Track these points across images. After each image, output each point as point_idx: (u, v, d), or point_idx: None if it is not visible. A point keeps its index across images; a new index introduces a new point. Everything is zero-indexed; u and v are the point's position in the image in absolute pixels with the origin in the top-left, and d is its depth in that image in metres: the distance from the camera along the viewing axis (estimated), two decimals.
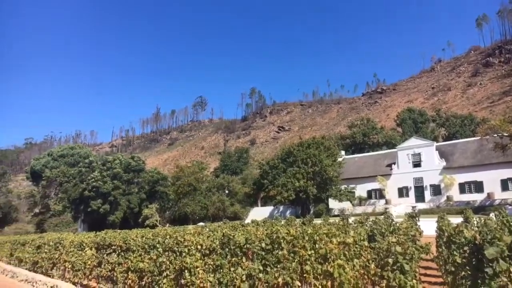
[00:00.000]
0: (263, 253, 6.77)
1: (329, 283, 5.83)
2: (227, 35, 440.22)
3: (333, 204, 50.76)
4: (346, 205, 48.71)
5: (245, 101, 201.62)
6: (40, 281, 15.30)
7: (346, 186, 50.50)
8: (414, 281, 4.67)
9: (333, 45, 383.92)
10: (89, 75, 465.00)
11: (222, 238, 7.97)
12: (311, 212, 47.76)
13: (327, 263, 5.87)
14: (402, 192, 50.15)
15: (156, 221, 48.57)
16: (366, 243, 6.53)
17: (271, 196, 53.57)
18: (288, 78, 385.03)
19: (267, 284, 6.43)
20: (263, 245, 6.75)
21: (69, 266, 15.17)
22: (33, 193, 77.36)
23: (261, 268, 6.55)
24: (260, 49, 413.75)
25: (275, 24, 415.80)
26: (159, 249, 9.31)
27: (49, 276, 16.19)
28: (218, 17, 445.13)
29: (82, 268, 13.64)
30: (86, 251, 13.74)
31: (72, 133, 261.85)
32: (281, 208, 54.49)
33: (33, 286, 15.93)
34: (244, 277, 6.72)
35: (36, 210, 74.66)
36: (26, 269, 19.84)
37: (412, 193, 49.72)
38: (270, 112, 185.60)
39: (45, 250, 18.25)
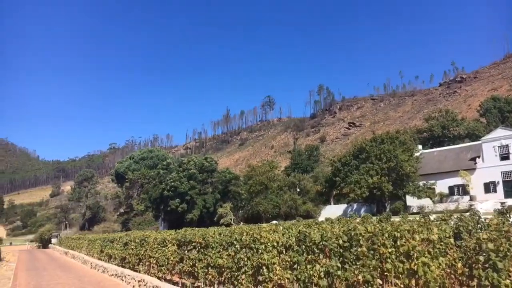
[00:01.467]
0: (341, 250, 6.66)
1: (412, 282, 5.58)
2: (292, 34, 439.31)
3: (411, 201, 48.37)
4: (426, 202, 46.13)
5: (313, 98, 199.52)
6: (128, 275, 16.44)
7: (424, 182, 47.81)
8: (508, 280, 4.31)
9: (404, 35, 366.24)
10: (165, 81, 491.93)
11: (298, 235, 7.98)
12: (387, 210, 45.94)
13: (410, 261, 5.62)
14: (489, 187, 46.31)
15: (231, 219, 49.86)
16: (452, 240, 6.15)
17: (344, 194, 52.46)
18: (357, 73, 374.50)
19: (346, 282, 6.32)
20: (340, 242, 6.64)
21: (154, 261, 16.14)
22: (118, 194, 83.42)
23: (339, 265, 6.45)
24: (326, 45, 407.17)
25: (340, 18, 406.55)
26: (236, 246, 9.56)
27: (136, 271, 17.34)
28: (284, 17, 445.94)
29: (166, 263, 14.43)
30: (168, 247, 14.51)
31: (150, 137, 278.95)
32: (355, 206, 53.12)
33: (122, 280, 17.18)
34: (322, 274, 6.67)
35: (121, 210, 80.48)
36: (115, 264, 21.46)
37: (500, 188, 45.72)
38: (339, 108, 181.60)
39: (132, 247, 19.58)
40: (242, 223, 47.30)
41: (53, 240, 74.51)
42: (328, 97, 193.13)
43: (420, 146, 58.14)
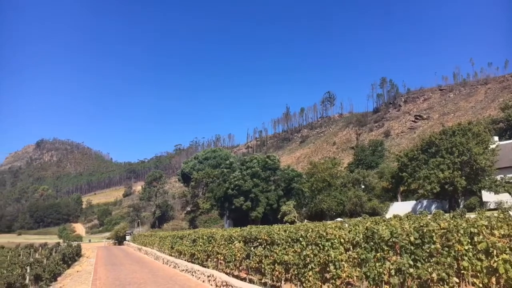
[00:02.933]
0: (412, 247, 6.43)
1: (493, 280, 5.24)
2: (352, 26, 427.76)
3: (487, 196, 45.06)
4: (504, 197, 42.70)
5: (376, 91, 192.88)
6: (198, 271, 17.08)
7: (502, 176, 44.28)
8: None
9: (473, 18, 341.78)
10: (225, 82, 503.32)
11: (365, 231, 7.82)
12: (461, 206, 43.22)
13: (489, 258, 5.29)
14: None
15: (294, 217, 49.80)
16: None
17: (412, 190, 50.18)
18: (423, 63, 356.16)
19: (419, 280, 6.10)
20: (412, 238, 6.41)
21: (221, 258, 16.62)
22: (185, 193, 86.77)
23: (411, 262, 6.23)
24: (387, 36, 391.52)
25: (400, 4, 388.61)
26: (302, 243, 9.57)
27: (205, 266, 17.97)
28: (341, 10, 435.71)
29: (233, 260, 14.80)
30: (235, 244, 14.86)
31: (213, 137, 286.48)
32: (425, 202, 50.60)
33: (192, 275, 17.88)
34: (393, 272, 6.48)
35: (188, 208, 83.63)
36: (185, 260, 22.38)
37: None
38: (404, 101, 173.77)
39: (200, 244, 20.32)
40: (306, 220, 47.03)
41: (127, 237, 79.25)
42: (392, 89, 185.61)
43: (496, 138, 53.93)
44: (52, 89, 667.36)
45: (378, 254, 7.08)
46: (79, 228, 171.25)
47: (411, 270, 6.16)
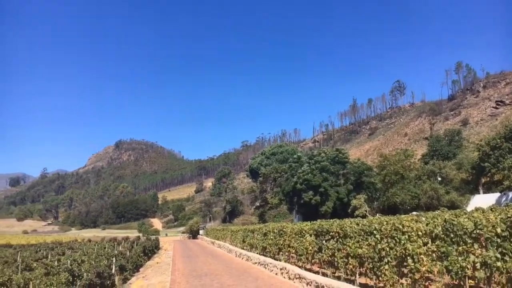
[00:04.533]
0: (499, 239, 6.03)
1: None
2: (422, 10, 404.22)
3: None
4: None
5: (450, 78, 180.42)
6: (270, 263, 17.36)
7: None
8: None
9: None
10: (290, 76, 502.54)
11: (444, 224, 7.46)
12: None
13: None
14: None
15: (365, 211, 48.49)
16: None
17: (495, 182, 46.55)
18: (505, 44, 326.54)
19: (508, 275, 5.71)
20: (498, 230, 6.01)
21: (293, 251, 16.74)
22: (253, 189, 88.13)
23: (498, 256, 5.85)
24: (461, 20, 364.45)
25: None
26: (376, 236, 9.35)
27: (276, 260, 18.21)
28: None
29: (304, 253, 14.84)
30: (306, 237, 14.88)
31: (279, 132, 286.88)
32: (511, 195, 46.64)
33: (265, 268, 18.21)
34: (478, 265, 6.13)
35: (257, 203, 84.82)
36: (257, 253, 22.84)
37: None
38: (483, 86, 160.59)
39: (271, 237, 20.61)
40: (378, 214, 45.58)
41: (201, 232, 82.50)
42: (469, 75, 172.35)
43: None
44: (128, 92, 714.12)
45: (460, 248, 6.73)
46: (156, 223, 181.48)
47: (498, 263, 5.79)
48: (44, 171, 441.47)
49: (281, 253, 18.68)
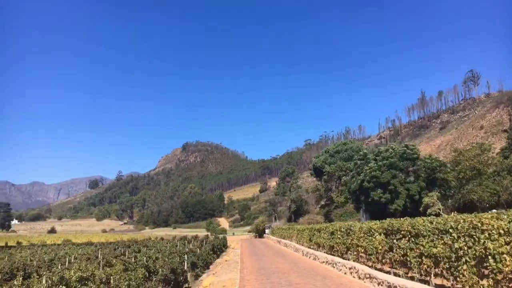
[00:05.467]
0: None
1: None
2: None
3: None
4: None
5: None
6: (338, 263, 17.11)
7: None
8: None
9: None
10: (344, 74, 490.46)
11: None
12: None
13: None
14: None
15: (439, 209, 45.86)
16: None
17: None
18: None
19: None
20: None
21: (362, 250, 16.36)
22: (318, 187, 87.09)
23: None
24: None
25: None
26: (453, 234, 8.87)
27: (345, 259, 17.89)
28: None
29: (374, 252, 14.44)
30: (375, 236, 14.48)
31: (342, 130, 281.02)
32: None
33: (333, 267, 17.97)
34: None
35: (322, 202, 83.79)
36: (324, 252, 22.60)
37: None
38: None
39: (338, 236, 20.31)
40: (454, 212, 42.92)
41: (267, 231, 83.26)
42: None
43: None
44: (194, 97, 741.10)
45: None
46: (223, 222, 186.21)
47: None
48: (119, 173, 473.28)
49: (349, 252, 18.34)
